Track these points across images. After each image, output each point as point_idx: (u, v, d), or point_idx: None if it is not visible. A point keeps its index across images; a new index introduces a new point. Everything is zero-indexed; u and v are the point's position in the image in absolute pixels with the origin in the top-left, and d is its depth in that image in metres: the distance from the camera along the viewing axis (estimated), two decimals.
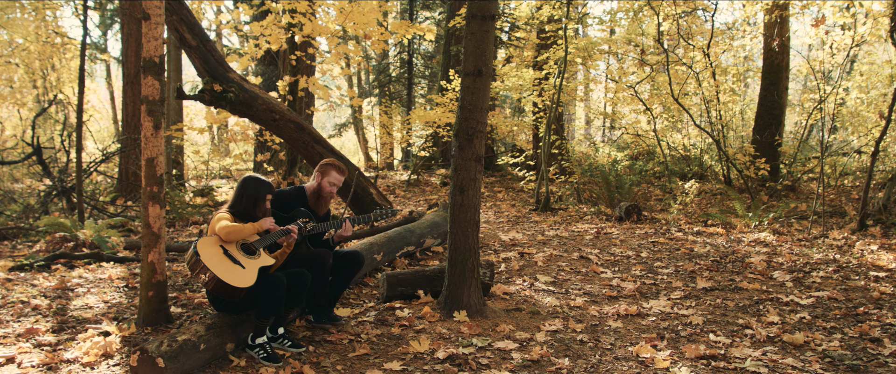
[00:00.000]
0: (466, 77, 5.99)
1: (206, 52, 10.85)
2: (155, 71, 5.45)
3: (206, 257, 4.85)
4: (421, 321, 5.92)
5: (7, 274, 7.97)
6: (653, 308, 6.36)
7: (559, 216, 12.15)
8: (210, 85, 10.77)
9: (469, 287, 6.05)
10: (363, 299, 6.75)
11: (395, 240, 8.02)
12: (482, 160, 6.04)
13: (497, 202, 14.70)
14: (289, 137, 11.71)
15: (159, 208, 5.51)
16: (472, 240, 6.04)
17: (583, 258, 8.51)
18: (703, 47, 14.83)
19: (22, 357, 4.89)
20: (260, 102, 11.04)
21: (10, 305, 6.31)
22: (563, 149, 16.55)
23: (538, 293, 6.92)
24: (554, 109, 13.34)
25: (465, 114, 5.99)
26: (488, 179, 18.71)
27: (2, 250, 10.03)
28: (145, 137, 5.49)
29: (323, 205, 6.01)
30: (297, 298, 5.28)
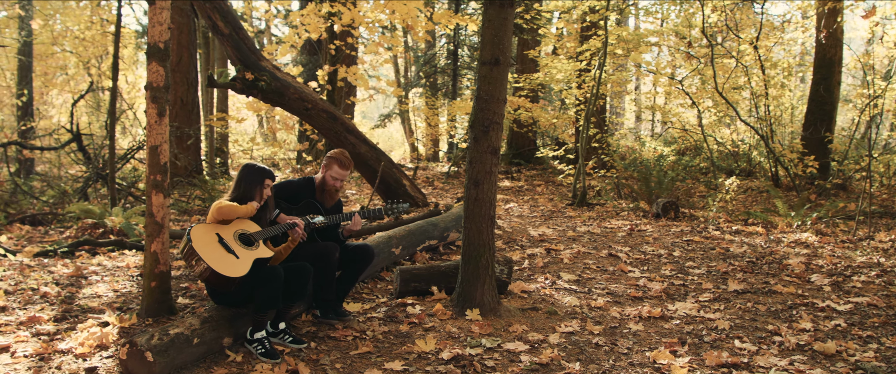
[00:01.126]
0: (483, 66, 5.75)
1: (238, 40, 10.77)
2: (159, 57, 5.31)
3: (198, 245, 4.69)
4: (431, 319, 5.70)
5: (31, 260, 7.97)
6: (678, 311, 6.05)
7: (595, 212, 11.81)
8: (242, 73, 10.69)
9: (482, 285, 5.81)
10: (376, 294, 6.56)
11: (416, 233, 7.80)
12: (498, 153, 5.79)
13: (535, 196, 14.40)
14: (321, 127, 11.59)
15: (163, 196, 5.37)
16: (486, 235, 5.80)
17: (611, 256, 8.21)
18: (751, 40, 14.32)
19: (17, 346, 4.79)
20: (292, 90, 10.93)
21: (21, 291, 6.25)
22: (603, 142, 16.17)
23: (559, 292, 6.65)
24: (593, 102, 12.98)
25: (481, 104, 5.74)
26: (529, 173, 18.41)
27: (34, 235, 10.05)
28: (149, 124, 5.35)
29: (329, 198, 5.82)
30: (298, 292, 5.09)
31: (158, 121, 5.34)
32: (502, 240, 9.06)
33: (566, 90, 16.03)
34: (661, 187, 12.18)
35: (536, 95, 19.56)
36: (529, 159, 19.64)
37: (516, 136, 20.22)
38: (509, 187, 16.22)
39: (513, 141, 20.62)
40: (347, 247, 5.77)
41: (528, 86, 16.54)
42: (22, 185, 13.27)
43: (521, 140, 20.15)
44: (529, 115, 16.87)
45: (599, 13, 12.89)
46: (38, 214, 11.53)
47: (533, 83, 16.32)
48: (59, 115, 27.40)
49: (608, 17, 12.74)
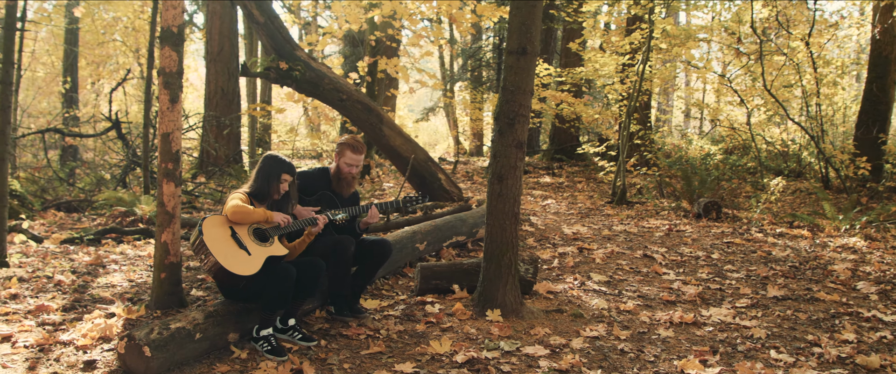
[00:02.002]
0: (509, 55, 5.49)
1: (273, 29, 10.66)
2: (173, 41, 5.14)
3: (209, 239, 4.51)
4: (450, 319, 5.47)
5: (57, 247, 7.91)
6: (711, 317, 5.73)
7: (634, 210, 11.47)
8: (276, 62, 10.57)
9: (505, 284, 5.56)
10: (396, 291, 6.34)
11: (443, 229, 7.57)
12: (524, 147, 5.53)
13: (574, 193, 14.09)
14: (356, 119, 11.43)
15: (174, 185, 5.20)
16: (510, 233, 5.54)
17: (646, 257, 7.88)
18: (804, 37, 13.82)
19: (19, 336, 4.66)
20: (327, 81, 10.78)
21: (36, 279, 6.15)
22: (646, 139, 15.76)
23: (587, 294, 6.36)
24: (636, 98, 12.62)
25: (506, 96, 5.48)
26: (570, 169, 18.07)
27: (66, 221, 10.04)
28: (161, 111, 5.19)
29: (345, 187, 5.61)
30: (308, 289, 4.88)
31: (171, 107, 5.18)
32: (534, 237, 8.78)
33: (609, 86, 15.64)
34: (705, 186, 11.77)
35: (580, 90, 19.17)
36: (571, 155, 19.28)
37: (558, 131, 19.88)
38: (549, 182, 15.92)
39: (555, 136, 20.28)
40: (364, 242, 5.56)
41: (570, 80, 16.19)
42: (58, 171, 13.31)
43: (563, 136, 19.80)
44: (572, 110, 16.52)
45: (642, 4, 12.50)
46: (74, 201, 11.54)
47: (576, 78, 15.96)
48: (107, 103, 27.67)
49: (653, 8, 12.34)
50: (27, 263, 6.84)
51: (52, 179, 12.83)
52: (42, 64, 26.27)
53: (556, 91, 17.03)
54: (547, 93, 16.59)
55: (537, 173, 17.64)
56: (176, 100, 5.18)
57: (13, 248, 7.67)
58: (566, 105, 16.41)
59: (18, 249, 7.62)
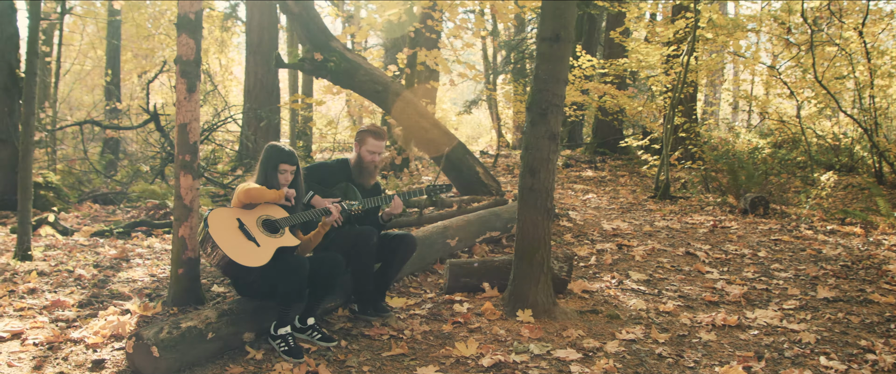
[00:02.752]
0: (542, 43, 5.22)
1: (308, 20, 10.51)
2: (190, 28, 4.96)
3: (215, 230, 4.31)
4: (479, 319, 5.22)
5: (86, 240, 7.83)
6: (757, 319, 5.41)
7: (677, 206, 11.09)
8: (310, 53, 10.42)
9: (536, 283, 5.29)
10: (425, 289, 6.11)
11: (476, 224, 7.31)
12: (557, 139, 5.25)
13: (616, 187, 13.73)
14: (392, 110, 11.23)
15: (192, 178, 5.03)
16: (542, 229, 5.28)
17: (689, 255, 7.55)
18: (857, 26, 13.27)
19: (30, 333, 4.52)
20: (362, 72, 10.60)
21: (57, 273, 6.04)
22: (691, 132, 15.30)
23: (624, 293, 6.07)
24: (680, 89, 12.21)
25: (538, 85, 5.22)
26: (613, 163, 17.67)
27: (100, 214, 10.01)
28: (178, 100, 5.01)
29: (367, 176, 5.40)
30: (327, 285, 4.67)
31: (188, 97, 4.99)
32: (571, 233, 8.49)
33: (653, 77, 15.22)
34: (752, 180, 11.33)
35: (623, 82, 18.75)
36: (615, 149, 18.88)
37: (601, 124, 19.47)
38: (591, 176, 15.57)
39: (598, 129, 19.88)
40: (388, 236, 5.33)
41: (613, 72, 15.80)
42: (96, 164, 13.33)
43: (607, 128, 19.40)
44: (615, 102, 16.12)
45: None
46: (110, 193, 11.52)
47: (618, 69, 15.55)
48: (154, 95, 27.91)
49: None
50: (52, 256, 6.74)
51: (89, 171, 12.84)
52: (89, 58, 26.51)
53: (599, 83, 16.65)
54: (590, 85, 16.21)
55: (579, 167, 17.29)
56: (193, 89, 5.00)
57: (43, 241, 7.61)
58: (609, 97, 16.02)
59: (47, 241, 7.55)
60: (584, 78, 16.20)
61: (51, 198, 10.81)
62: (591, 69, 16.16)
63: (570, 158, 18.50)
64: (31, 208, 6.67)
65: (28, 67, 6.66)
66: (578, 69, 16.11)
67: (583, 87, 16.23)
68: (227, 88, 28.13)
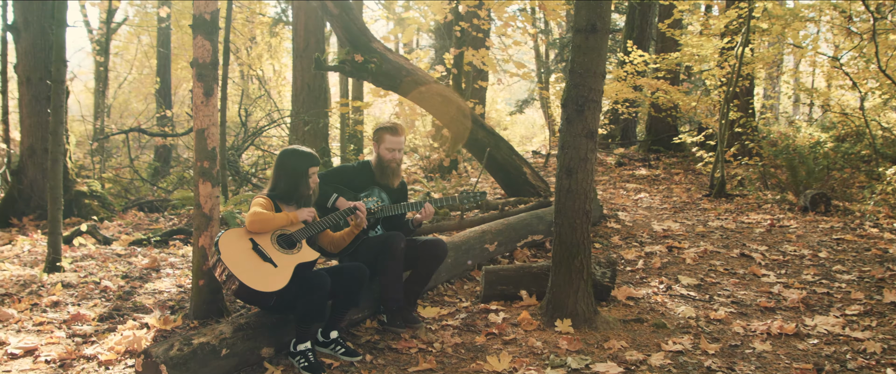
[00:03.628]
0: (577, 34, 4.89)
1: (348, 21, 10.35)
2: (205, 29, 4.75)
3: (227, 255, 4.06)
4: (514, 330, 4.92)
5: (124, 248, 7.75)
6: (817, 327, 5.00)
7: (733, 204, 10.59)
8: (351, 55, 10.25)
9: (576, 291, 4.97)
10: (460, 297, 5.81)
11: (517, 227, 7.00)
12: (595, 137, 4.92)
13: (670, 186, 13.26)
14: (435, 111, 11.02)
15: (211, 186, 4.82)
16: (581, 233, 4.96)
17: (744, 256, 7.12)
18: None
19: (44, 349, 4.36)
20: (404, 73, 10.38)
21: (83, 284, 5.90)
22: (747, 127, 14.72)
23: (673, 300, 5.69)
24: (735, 83, 11.71)
25: (574, 79, 4.89)
26: (668, 161, 17.15)
27: (143, 222, 9.95)
28: (195, 104, 4.81)
29: (391, 176, 5.15)
30: (350, 298, 4.42)
31: (205, 101, 4.79)
32: (619, 235, 8.11)
33: (707, 71, 14.68)
34: (812, 176, 10.77)
35: (677, 77, 18.21)
36: (669, 146, 18.35)
37: (655, 121, 18.96)
38: (645, 175, 15.11)
39: (651, 126, 19.37)
40: (416, 242, 5.06)
41: (665, 66, 15.31)
42: (141, 171, 13.34)
43: (660, 125, 18.87)
44: (668, 98, 15.62)
45: None
46: (156, 200, 11.50)
47: (670, 63, 15.05)
48: None
49: None
50: (83, 267, 6.63)
51: (136, 179, 12.84)
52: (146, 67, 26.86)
53: (652, 78, 16.16)
54: (642, 81, 15.74)
55: (633, 165, 16.83)
56: (210, 93, 4.79)
57: (80, 250, 7.53)
58: (661, 93, 15.54)
59: (85, 251, 7.46)
60: (635, 74, 15.75)
61: (95, 207, 10.81)
62: (643, 65, 15.70)
63: (624, 157, 18.04)
64: (60, 217, 6.56)
65: (55, 75, 6.55)
66: (630, 65, 15.67)
67: (635, 83, 15.78)
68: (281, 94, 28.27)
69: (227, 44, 11.11)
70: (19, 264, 7.01)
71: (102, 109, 16.11)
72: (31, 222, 10.11)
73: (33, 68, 10.21)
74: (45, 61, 10.36)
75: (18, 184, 10.50)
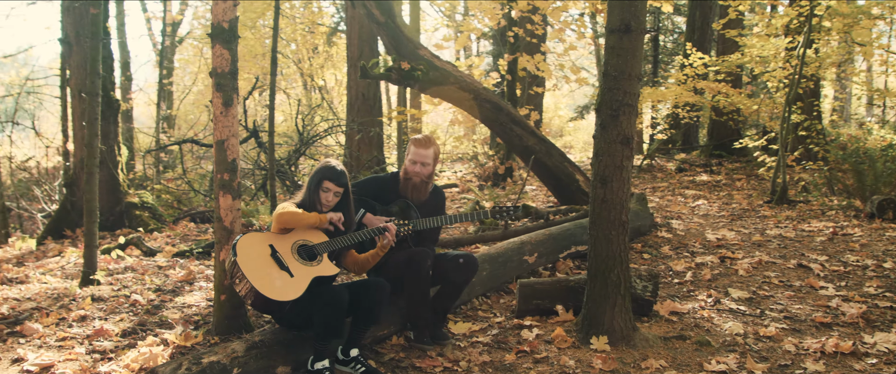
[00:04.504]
0: (611, 35, 4.63)
1: (394, 29, 10.23)
2: (224, 38, 4.62)
3: (244, 259, 3.92)
4: (547, 347, 4.67)
5: (168, 260, 7.72)
6: (876, 345, 4.63)
7: (795, 211, 10.09)
8: (397, 63, 10.12)
9: (612, 307, 4.70)
10: (495, 312, 5.58)
11: (559, 238, 6.73)
12: (631, 143, 4.65)
13: (731, 192, 12.76)
14: (485, 118, 10.80)
15: (232, 198, 4.69)
16: (617, 246, 4.69)
17: (801, 267, 6.71)
18: None
19: (61, 366, 4.27)
20: (452, 80, 10.21)
21: (114, 298, 5.85)
22: (812, 130, 14.13)
23: (720, 315, 5.36)
24: (796, 84, 11.22)
25: (608, 83, 4.64)
26: (731, 166, 16.58)
27: (191, 233, 9.95)
28: (215, 115, 4.69)
29: (412, 190, 4.94)
30: (370, 315, 4.22)
31: (224, 111, 4.66)
32: (670, 245, 7.76)
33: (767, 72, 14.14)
34: (881, 180, 10.21)
35: (739, 79, 17.66)
36: (731, 151, 17.78)
37: (716, 125, 18.40)
38: (706, 181, 14.62)
39: (713, 131, 18.80)
40: (446, 256, 4.85)
41: (724, 68, 14.82)
42: (193, 182, 13.41)
43: (722, 129, 18.29)
44: (728, 101, 15.12)
45: None
46: (207, 211, 11.52)
47: (730, 65, 14.56)
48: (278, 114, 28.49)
49: None
50: (120, 279, 6.59)
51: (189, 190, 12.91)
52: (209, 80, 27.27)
53: (712, 81, 15.67)
54: (702, 83, 15.28)
55: (693, 171, 16.34)
56: (230, 103, 4.66)
57: (124, 262, 7.52)
58: (722, 96, 15.05)
59: (127, 263, 7.45)
60: (696, 77, 15.31)
61: (146, 218, 10.88)
62: (703, 67, 15.26)
63: (684, 162, 17.54)
64: (96, 230, 6.54)
65: (90, 88, 6.54)
66: (690, 68, 15.24)
67: (696, 86, 15.33)
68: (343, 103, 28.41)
69: (274, 54, 11.09)
70: (61, 277, 7.03)
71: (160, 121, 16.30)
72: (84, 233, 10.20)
73: (85, 82, 10.30)
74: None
75: (71, 196, 10.64)
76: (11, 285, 6.65)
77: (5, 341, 4.87)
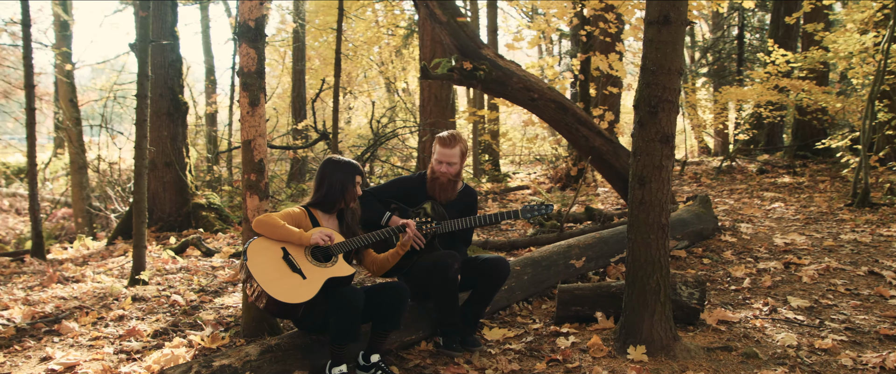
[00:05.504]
0: (649, 27, 4.38)
1: (456, 28, 10.09)
2: (250, 37, 4.56)
3: (254, 263, 3.82)
4: (581, 356, 4.44)
5: (224, 260, 7.77)
6: None
7: (877, 214, 9.50)
8: (459, 63, 9.98)
9: (651, 315, 4.43)
10: (534, 317, 5.36)
11: (610, 242, 6.46)
12: (671, 141, 4.39)
13: (813, 194, 12.17)
14: (550, 119, 10.54)
15: (259, 199, 4.62)
16: (656, 250, 4.42)
17: (872, 275, 6.26)
18: None
19: (86, 366, 4.27)
20: (516, 79, 10.00)
21: (156, 298, 5.88)
22: None
23: (775, 324, 5.02)
24: (880, 80, 10.61)
25: (647, 78, 4.39)
26: (816, 167, 15.86)
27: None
28: (242, 115, 4.63)
29: (441, 190, 4.76)
30: (389, 318, 4.07)
31: (251, 111, 4.59)
32: (733, 250, 7.38)
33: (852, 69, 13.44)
34: None
35: (825, 77, 16.89)
36: (816, 152, 17.02)
37: (801, 124, 17.65)
38: (787, 183, 14.00)
39: (797, 130, 18.05)
40: (477, 260, 4.67)
41: (807, 65, 14.19)
42: None
43: (807, 129, 17.54)
44: (812, 99, 14.47)
45: None
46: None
47: (812, 61, 13.93)
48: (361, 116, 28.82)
49: None
50: (169, 280, 6.64)
51: None
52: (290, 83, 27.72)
53: (795, 79, 15.02)
54: (785, 82, 14.66)
55: (776, 173, 15.69)
56: (256, 103, 4.59)
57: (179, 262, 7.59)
58: (804, 94, 14.41)
59: (181, 263, 7.52)
60: (779, 74, 14.71)
61: (212, 218, 11.01)
62: (786, 64, 14.65)
63: (766, 164, 16.88)
64: (144, 231, 6.59)
65: (139, 90, 6.59)
66: (772, 65, 14.66)
67: (779, 84, 14.73)
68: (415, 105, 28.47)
69: (338, 55, 11.13)
70: (116, 276, 7.12)
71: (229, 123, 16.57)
72: (152, 233, 10.40)
73: (153, 85, 10.49)
74: (165, 78, 10.63)
75: None
76: (66, 284, 6.77)
77: (40, 339, 4.92)
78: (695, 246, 7.41)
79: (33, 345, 4.77)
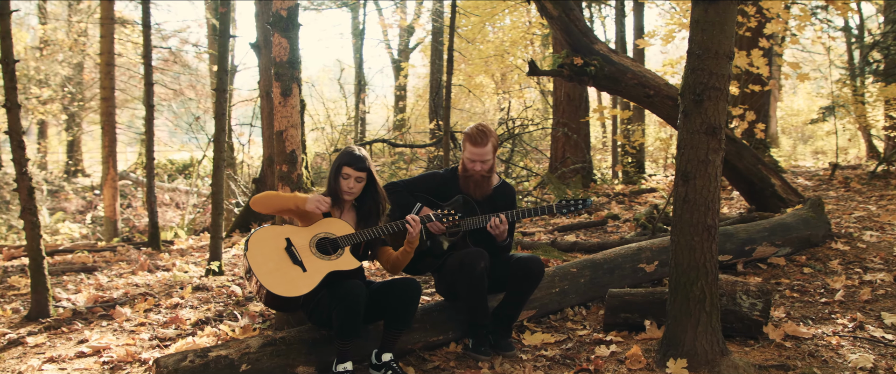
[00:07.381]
0: (696, 6, 3.97)
1: (568, 23, 9.84)
2: (282, 26, 4.49)
3: (254, 254, 3.71)
4: (616, 368, 4.08)
5: None
6: None
7: None
8: (570, 58, 9.70)
9: (694, 325, 4.00)
10: (586, 324, 4.99)
11: None
12: (719, 133, 3.95)
13: None
14: (666, 116, 10.07)
15: (291, 190, 4.56)
16: (701, 254, 3.99)
17: None
18: None
19: (113, 350, 4.36)
20: (629, 75, 9.62)
21: (219, 288, 5.98)
22: None
23: (854, 343, 4.42)
24: None
25: (692, 63, 3.98)
26: None
27: None
28: (274, 106, 4.57)
29: (475, 186, 4.49)
30: (400, 316, 3.88)
31: (284, 101, 4.53)
32: (842, 259, 6.63)
33: None
34: None
35: None
36: None
37: None
38: None
39: None
40: (510, 259, 4.39)
41: None
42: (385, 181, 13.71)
43: None
44: None
45: None
46: None
47: None
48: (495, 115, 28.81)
49: None
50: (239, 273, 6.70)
51: None
52: None
53: None
54: None
55: None
56: (288, 93, 4.51)
57: None
58: None
59: None
60: None
61: None
62: None
63: None
64: (221, 222, 6.68)
65: (218, 85, 6.68)
66: None
67: None
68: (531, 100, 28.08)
69: (450, 53, 11.03)
70: (203, 266, 7.26)
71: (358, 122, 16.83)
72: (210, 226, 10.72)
73: (265, 82, 10.74)
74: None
75: (258, 191, 11.13)
76: (154, 273, 6.96)
77: (91, 322, 5.04)
78: (799, 253, 6.74)
79: (80, 328, 4.88)
